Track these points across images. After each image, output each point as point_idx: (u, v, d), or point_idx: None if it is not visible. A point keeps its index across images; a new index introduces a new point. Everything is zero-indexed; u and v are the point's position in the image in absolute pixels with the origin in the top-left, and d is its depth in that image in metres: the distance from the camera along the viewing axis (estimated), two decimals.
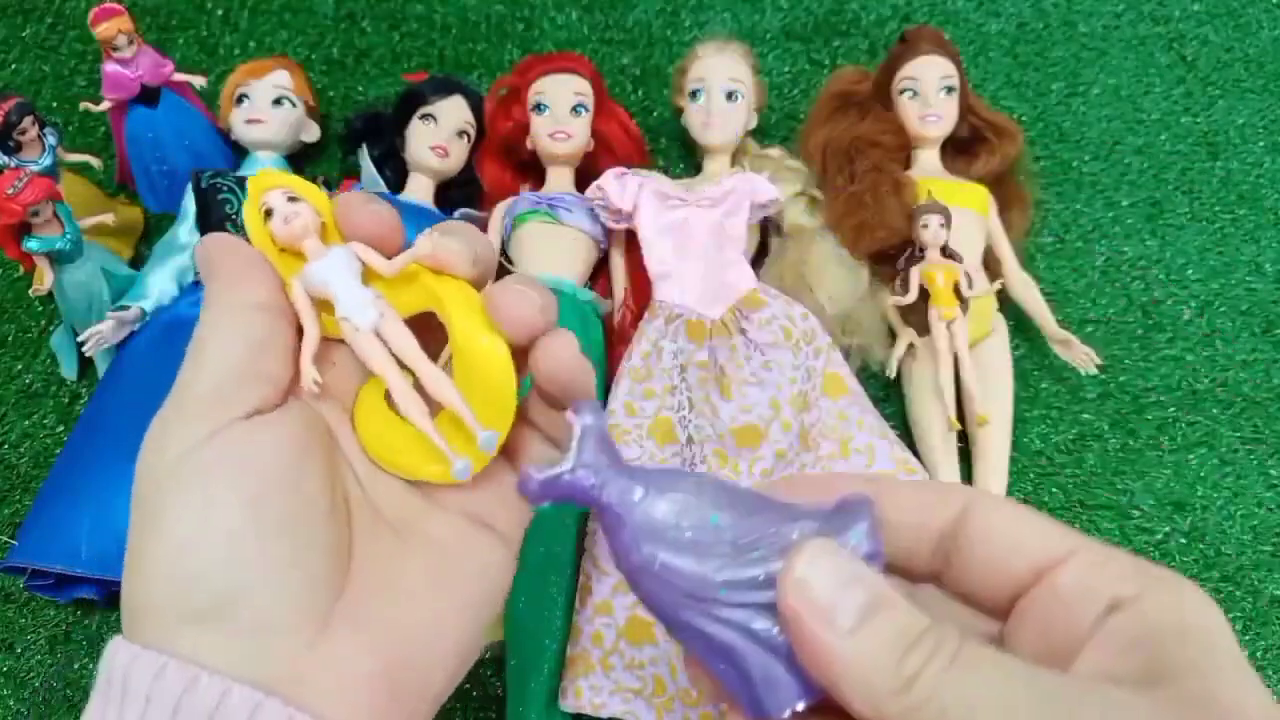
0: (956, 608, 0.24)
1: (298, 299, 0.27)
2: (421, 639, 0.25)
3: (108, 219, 0.66)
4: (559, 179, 0.70)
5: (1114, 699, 0.18)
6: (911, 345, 0.65)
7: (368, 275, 0.28)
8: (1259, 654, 0.58)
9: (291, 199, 0.27)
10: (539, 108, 0.68)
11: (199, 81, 0.74)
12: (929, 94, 0.69)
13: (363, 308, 0.26)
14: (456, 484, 0.27)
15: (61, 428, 0.66)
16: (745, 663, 0.21)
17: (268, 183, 0.28)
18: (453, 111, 0.69)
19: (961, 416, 0.62)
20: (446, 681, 0.26)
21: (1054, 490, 0.64)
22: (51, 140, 0.67)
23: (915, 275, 0.64)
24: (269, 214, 0.27)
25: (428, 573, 0.26)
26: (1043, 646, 0.22)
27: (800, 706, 0.21)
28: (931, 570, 0.24)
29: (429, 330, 0.28)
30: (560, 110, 0.68)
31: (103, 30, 0.66)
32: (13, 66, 0.84)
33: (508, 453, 0.28)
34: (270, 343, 0.26)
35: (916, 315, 0.64)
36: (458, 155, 0.70)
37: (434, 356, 0.27)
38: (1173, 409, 0.67)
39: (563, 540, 0.56)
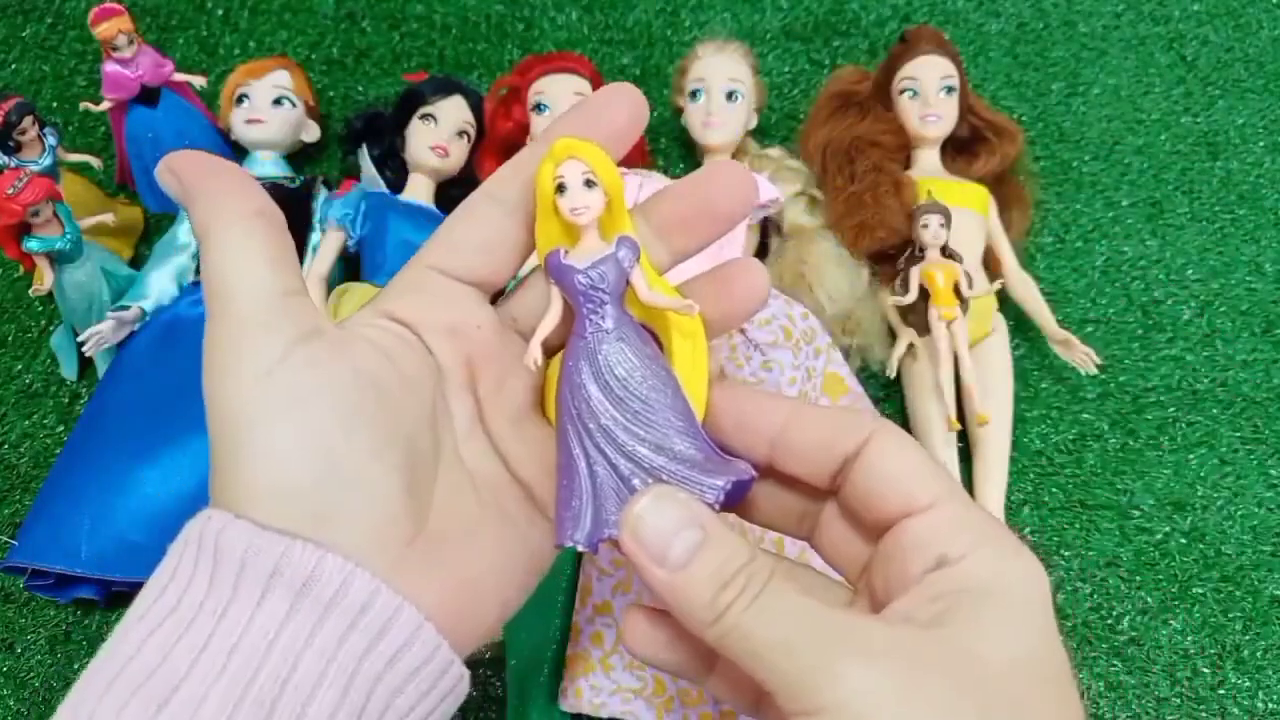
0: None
1: (553, 285, 0.27)
2: (487, 578, 0.26)
3: (108, 219, 0.66)
4: None
5: (878, 634, 0.22)
6: (911, 345, 0.65)
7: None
8: (1259, 654, 0.58)
9: (589, 183, 0.26)
10: (539, 108, 0.68)
11: (199, 81, 0.74)
12: (929, 94, 0.69)
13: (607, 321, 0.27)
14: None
15: (61, 428, 0.66)
16: (574, 491, 0.26)
17: (572, 151, 0.26)
18: (453, 111, 0.69)
19: (961, 416, 0.62)
20: (496, 621, 0.27)
21: (1054, 490, 0.64)
22: (51, 140, 0.67)
23: (915, 275, 0.64)
24: (561, 188, 0.26)
25: (498, 539, 0.27)
26: (880, 584, 0.25)
27: (579, 547, 0.25)
28: (830, 489, 0.26)
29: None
30: (560, 110, 0.68)
31: (103, 30, 0.66)
32: (13, 66, 0.84)
33: None
34: (285, 256, 0.25)
35: (916, 315, 0.64)
36: (458, 155, 0.70)
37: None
38: (1173, 409, 0.67)
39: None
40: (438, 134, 0.68)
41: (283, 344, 0.24)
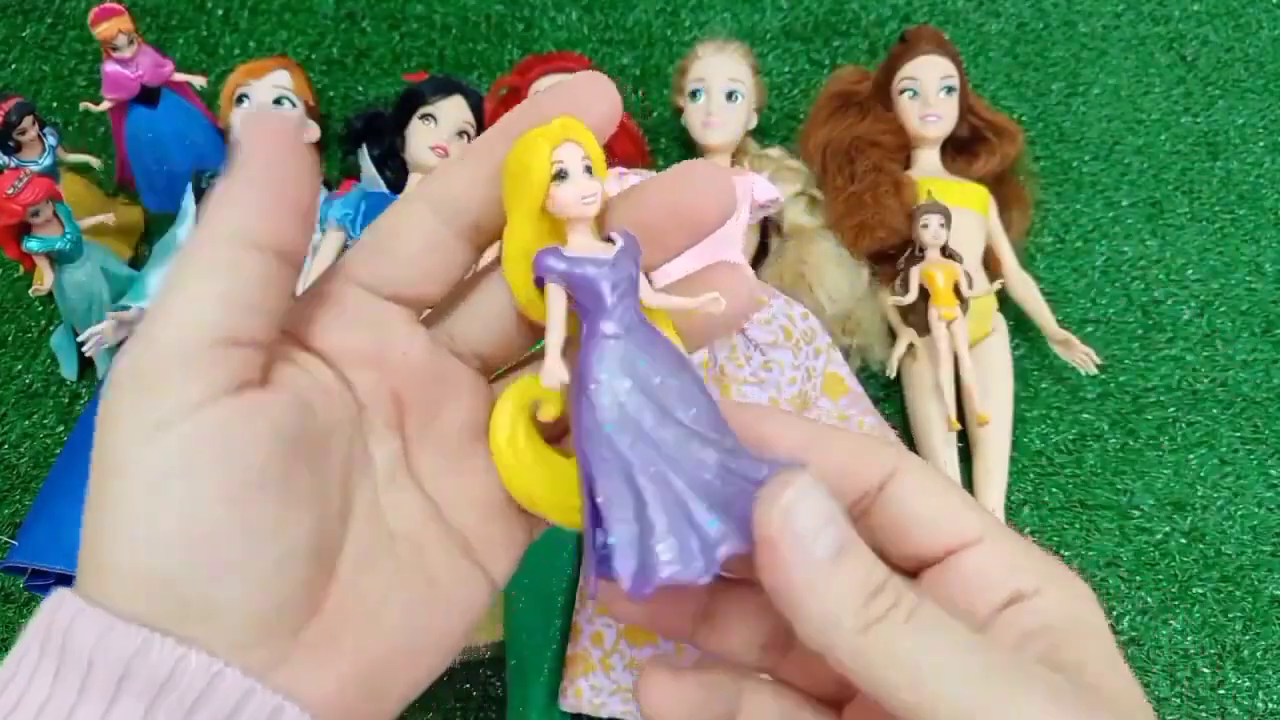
0: None
1: (551, 291, 0.22)
2: (388, 669, 0.23)
3: (108, 219, 0.66)
4: None
5: (1046, 679, 0.19)
6: (911, 345, 0.65)
7: None
8: (1259, 654, 0.58)
9: (588, 170, 0.22)
10: None
11: (199, 81, 0.74)
12: (929, 94, 0.69)
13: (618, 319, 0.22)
14: (547, 512, 0.24)
15: (61, 428, 0.66)
16: (620, 516, 0.21)
17: (572, 133, 0.22)
18: (453, 111, 0.69)
19: (961, 416, 0.62)
20: (394, 712, 0.24)
21: (1054, 490, 0.64)
22: (51, 140, 0.67)
23: (915, 275, 0.64)
24: (561, 175, 0.22)
25: (413, 602, 0.23)
26: None
27: (622, 583, 0.21)
28: (851, 518, 0.24)
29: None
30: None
31: (103, 30, 0.66)
32: (13, 66, 0.84)
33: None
34: (261, 299, 0.21)
35: (916, 315, 0.64)
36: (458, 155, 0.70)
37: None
38: (1173, 409, 0.67)
39: (563, 540, 0.56)
40: (438, 134, 0.68)
41: (196, 395, 0.20)
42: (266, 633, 0.20)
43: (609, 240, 0.23)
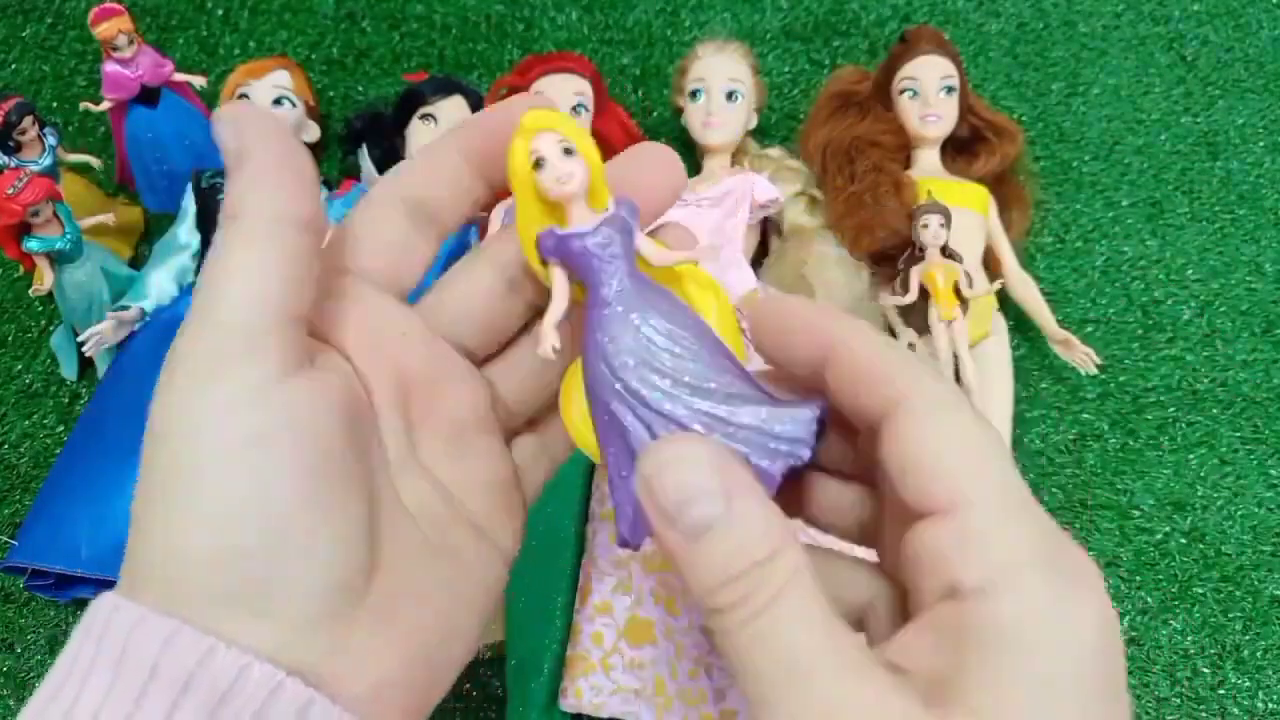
0: None
1: (554, 267, 0.24)
2: (438, 642, 0.23)
3: (108, 219, 0.66)
4: None
5: (866, 704, 0.18)
6: (911, 345, 0.65)
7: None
8: (1259, 654, 0.58)
9: (568, 151, 0.23)
10: None
11: (199, 81, 0.74)
12: (929, 94, 0.69)
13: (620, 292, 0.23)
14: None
15: (61, 428, 0.66)
16: (621, 477, 0.23)
17: (543, 123, 0.24)
18: (453, 111, 0.69)
19: None
20: (449, 683, 0.24)
21: (1054, 490, 0.64)
22: (51, 140, 0.67)
23: (915, 275, 0.64)
24: (539, 163, 0.23)
25: (447, 578, 0.24)
26: (902, 592, 0.21)
27: (642, 539, 0.22)
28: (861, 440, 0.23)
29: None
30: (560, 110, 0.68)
31: (103, 30, 0.66)
32: (13, 66, 0.84)
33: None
34: (307, 278, 0.21)
35: (916, 315, 0.64)
36: None
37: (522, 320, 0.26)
38: (1173, 409, 0.67)
39: (563, 540, 0.56)
40: (437, 134, 0.68)
41: (264, 374, 0.20)
42: (328, 613, 0.20)
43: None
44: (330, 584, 0.20)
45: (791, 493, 0.25)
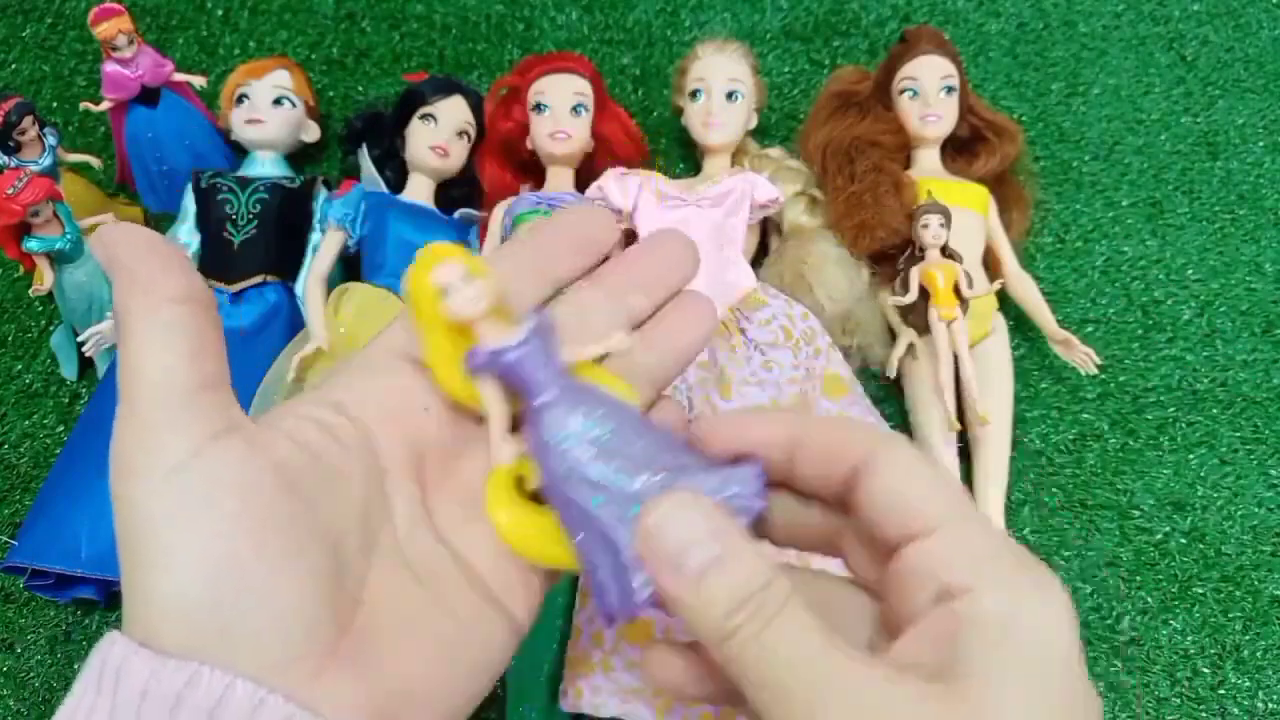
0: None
1: (484, 384, 0.26)
2: (418, 702, 0.24)
3: (108, 219, 0.66)
4: (559, 179, 0.70)
5: (873, 690, 0.20)
6: (911, 345, 0.65)
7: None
8: (1259, 654, 0.58)
9: (466, 277, 0.25)
10: (539, 108, 0.68)
11: (199, 81, 0.74)
12: (929, 94, 0.69)
13: (552, 391, 0.25)
14: (550, 563, 0.27)
15: (61, 428, 0.66)
16: (599, 558, 0.24)
17: (440, 256, 0.26)
18: (453, 111, 0.69)
19: (961, 416, 0.62)
20: None
21: (1054, 490, 0.64)
22: (51, 140, 0.67)
23: (915, 275, 0.64)
24: (444, 291, 0.25)
25: (439, 637, 0.25)
26: (894, 614, 0.23)
27: (635, 611, 0.24)
28: (841, 502, 0.25)
29: None
30: (560, 110, 0.68)
31: (103, 30, 0.66)
32: (13, 66, 0.84)
33: None
34: (207, 347, 0.24)
35: (916, 315, 0.64)
36: (458, 155, 0.70)
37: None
38: (1173, 409, 0.67)
39: None
40: (438, 134, 0.68)
41: (192, 443, 0.22)
42: (298, 653, 0.22)
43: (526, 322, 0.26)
44: (292, 629, 0.22)
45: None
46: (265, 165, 0.71)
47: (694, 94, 0.70)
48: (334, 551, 0.23)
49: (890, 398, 0.67)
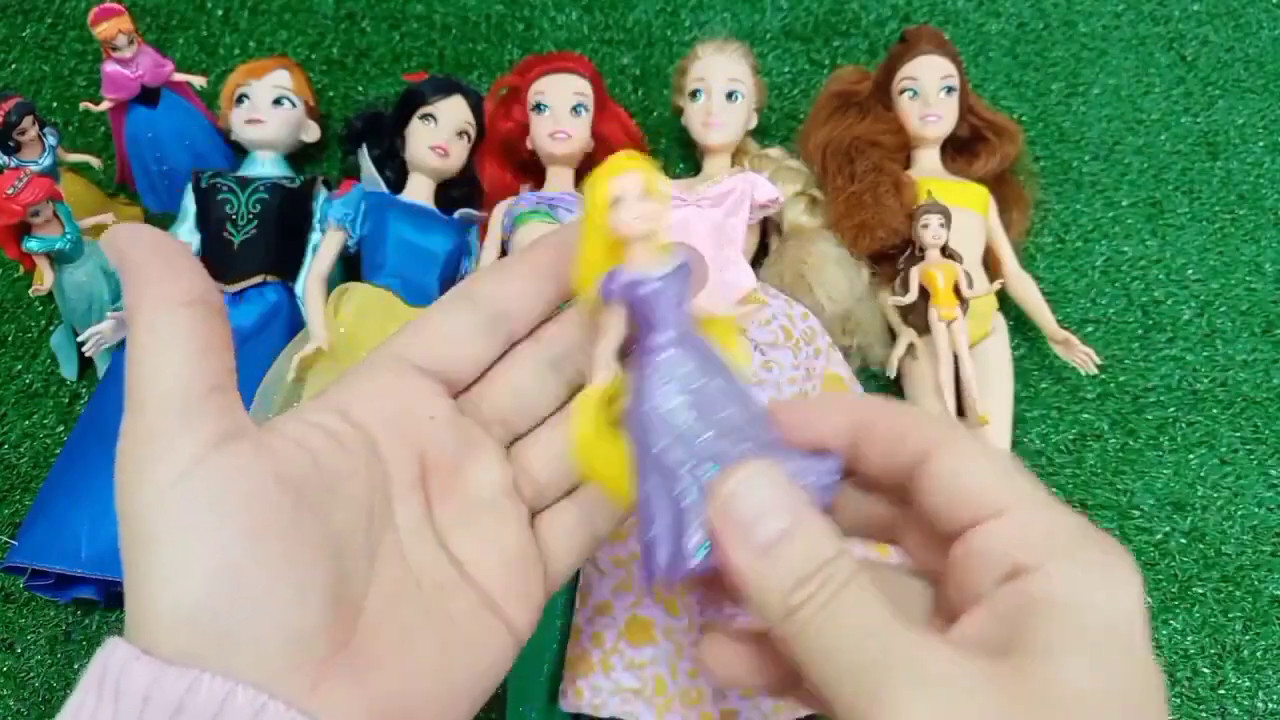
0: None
1: (611, 304, 0.26)
2: (417, 711, 0.24)
3: (108, 219, 0.66)
4: (559, 179, 0.70)
5: (940, 660, 0.20)
6: (911, 345, 0.65)
7: None
8: (1259, 654, 0.58)
9: (646, 194, 0.25)
10: (539, 107, 0.68)
11: (199, 81, 0.74)
12: (929, 94, 0.69)
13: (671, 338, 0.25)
14: (609, 491, 0.27)
15: (61, 428, 0.66)
16: (659, 510, 0.24)
17: (627, 165, 0.26)
18: (453, 111, 0.69)
19: (961, 416, 0.61)
20: None
21: (1054, 490, 0.64)
22: (51, 140, 0.67)
23: (915, 275, 0.64)
24: (617, 200, 0.25)
25: (440, 646, 0.25)
26: (954, 597, 0.23)
27: (682, 574, 0.24)
28: (903, 489, 0.25)
29: None
30: (560, 110, 0.68)
31: (103, 30, 0.66)
32: (13, 66, 0.84)
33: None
34: (215, 349, 0.24)
35: (916, 315, 0.64)
36: (458, 155, 0.70)
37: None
38: (1173, 409, 0.67)
39: None
40: (438, 134, 0.68)
41: (197, 447, 0.22)
42: (297, 661, 0.22)
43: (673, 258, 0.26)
44: (290, 635, 0.22)
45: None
46: (265, 165, 0.71)
47: (694, 94, 0.70)
48: (337, 559, 0.23)
49: (890, 398, 0.67)
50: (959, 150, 0.73)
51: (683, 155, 0.79)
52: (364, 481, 0.25)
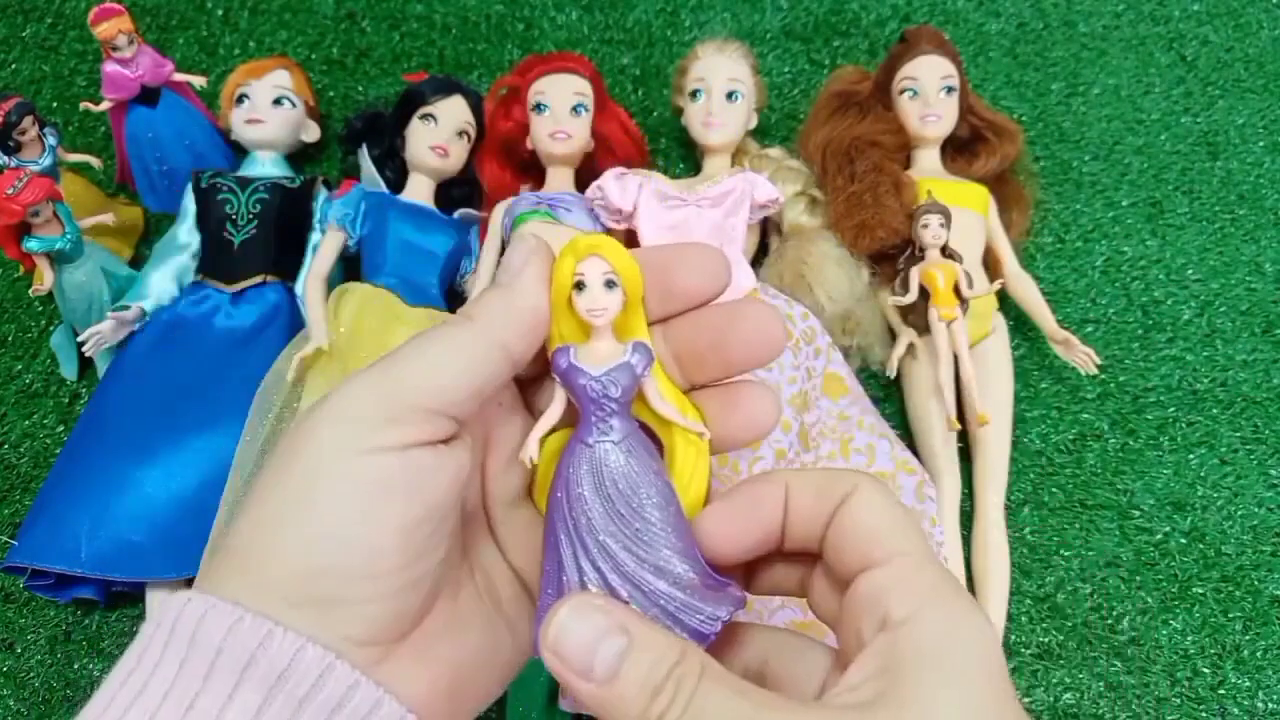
0: None
1: (558, 384, 0.26)
2: (469, 679, 0.26)
3: (108, 219, 0.66)
4: (559, 179, 0.70)
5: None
6: (911, 345, 0.65)
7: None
8: (1259, 654, 0.58)
9: (610, 284, 0.25)
10: (539, 107, 0.68)
11: (199, 81, 0.74)
12: (929, 94, 0.69)
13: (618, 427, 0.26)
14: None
15: (61, 428, 0.66)
16: (548, 590, 0.25)
17: (594, 248, 0.25)
18: (453, 111, 0.69)
19: (961, 416, 0.61)
20: (470, 717, 0.27)
21: (1054, 490, 0.64)
22: (51, 140, 0.67)
23: (915, 275, 0.64)
24: (580, 285, 0.25)
25: (488, 624, 0.27)
26: (845, 644, 0.24)
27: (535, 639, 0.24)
28: (816, 546, 0.26)
29: None
30: (560, 110, 0.68)
31: (103, 30, 0.66)
32: (13, 66, 0.84)
33: None
34: (482, 391, 0.25)
35: (916, 315, 0.64)
36: (458, 155, 0.70)
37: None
38: (1173, 409, 0.67)
39: None
40: (437, 134, 0.68)
41: (399, 439, 0.23)
42: (377, 634, 0.23)
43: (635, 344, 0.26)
44: (384, 613, 0.23)
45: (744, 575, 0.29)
46: (265, 165, 0.71)
47: (694, 94, 0.70)
48: (448, 554, 0.25)
49: (890, 398, 0.67)
50: (959, 150, 0.73)
51: (683, 155, 0.79)
52: (464, 471, 0.26)
